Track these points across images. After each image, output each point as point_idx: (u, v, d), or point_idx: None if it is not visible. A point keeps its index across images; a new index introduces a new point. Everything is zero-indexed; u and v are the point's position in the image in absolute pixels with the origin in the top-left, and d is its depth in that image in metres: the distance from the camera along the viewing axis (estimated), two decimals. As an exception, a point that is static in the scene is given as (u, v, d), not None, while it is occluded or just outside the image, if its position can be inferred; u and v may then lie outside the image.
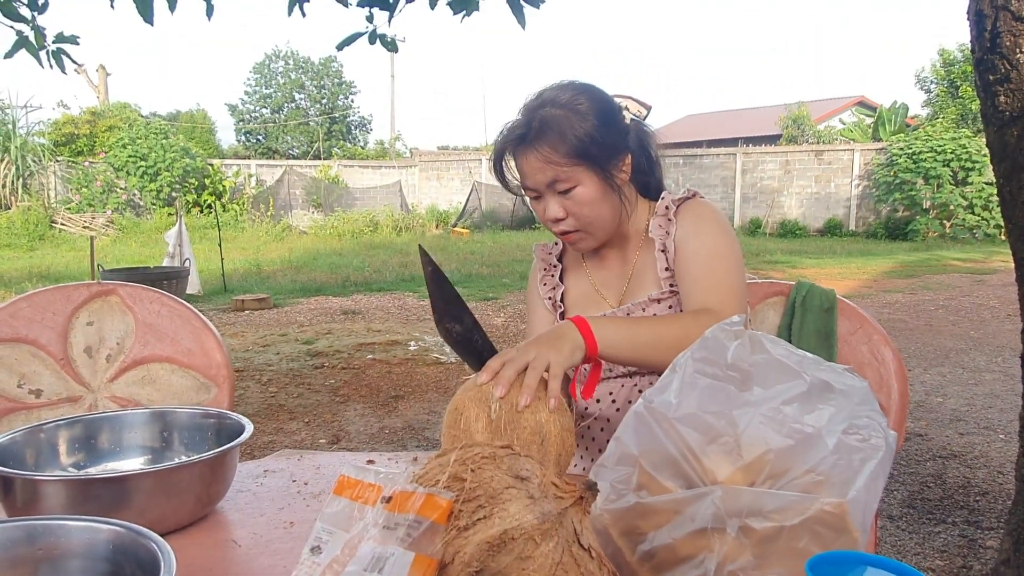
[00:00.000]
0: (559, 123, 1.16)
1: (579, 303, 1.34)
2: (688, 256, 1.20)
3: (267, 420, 4.04)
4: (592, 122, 1.17)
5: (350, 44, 3.30)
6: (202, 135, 27.19)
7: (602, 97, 1.22)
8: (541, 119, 1.17)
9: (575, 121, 1.16)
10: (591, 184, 1.18)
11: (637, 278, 1.29)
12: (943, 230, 14.94)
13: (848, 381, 0.72)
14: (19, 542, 0.65)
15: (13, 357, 1.55)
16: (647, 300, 1.24)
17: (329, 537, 0.57)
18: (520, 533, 0.54)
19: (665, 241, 1.24)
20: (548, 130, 1.16)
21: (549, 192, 1.19)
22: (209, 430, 1.03)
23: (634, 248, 1.30)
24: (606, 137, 1.18)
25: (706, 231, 1.21)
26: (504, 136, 1.22)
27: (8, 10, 3.72)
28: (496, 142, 1.25)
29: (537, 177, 1.18)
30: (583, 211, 1.19)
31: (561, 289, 1.36)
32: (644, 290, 1.27)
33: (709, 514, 0.65)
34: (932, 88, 21.89)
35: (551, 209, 1.20)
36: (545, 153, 1.16)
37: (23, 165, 16.40)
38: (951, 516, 2.82)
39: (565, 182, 1.17)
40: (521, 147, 1.19)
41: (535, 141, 1.17)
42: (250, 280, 9.43)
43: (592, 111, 1.18)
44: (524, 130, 1.19)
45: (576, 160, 1.16)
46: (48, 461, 0.96)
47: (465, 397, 0.92)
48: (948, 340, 5.94)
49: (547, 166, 1.16)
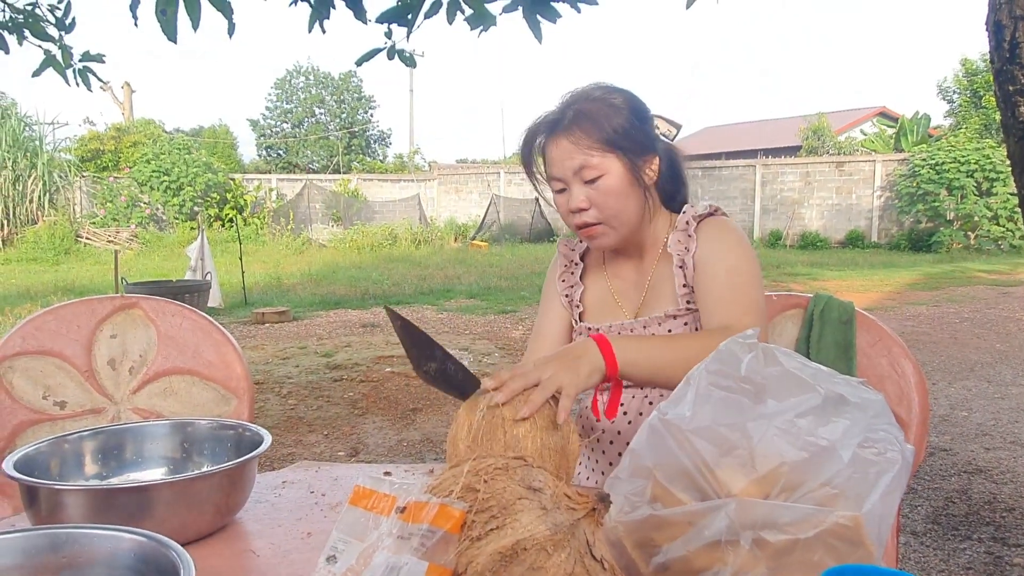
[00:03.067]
0: (594, 113, 1.19)
1: (596, 307, 1.34)
2: (708, 275, 1.20)
3: (286, 432, 4.07)
4: (626, 115, 1.20)
5: (369, 60, 3.34)
6: (224, 150, 27.56)
7: (636, 97, 1.25)
8: (576, 109, 1.20)
9: (609, 112, 1.19)
10: (619, 175, 1.19)
11: (653, 291, 1.29)
12: (967, 241, 14.74)
13: (863, 394, 0.71)
14: (43, 550, 0.66)
15: (39, 369, 1.58)
16: (663, 316, 1.24)
17: (344, 546, 0.58)
18: (532, 544, 0.54)
19: (684, 257, 1.24)
20: (583, 118, 1.19)
21: (575, 180, 1.20)
22: (229, 441, 1.04)
23: (651, 260, 1.30)
24: (638, 132, 1.20)
25: (727, 249, 1.21)
26: (537, 122, 1.24)
27: (36, 30, 3.82)
28: (527, 128, 1.26)
29: (566, 163, 1.19)
30: (608, 202, 1.19)
31: (580, 289, 1.37)
32: (660, 304, 1.27)
33: (723, 526, 0.65)
34: (954, 98, 21.67)
35: (575, 198, 1.20)
36: (577, 138, 1.17)
37: (49, 181, 16.72)
38: (977, 532, 2.77)
39: (594, 169, 1.18)
40: (553, 133, 1.20)
41: (569, 127, 1.19)
42: (270, 293, 9.52)
43: (626, 107, 1.21)
44: (558, 116, 1.21)
45: (607, 148, 1.17)
46: (72, 471, 0.98)
47: (464, 406, 0.93)
48: (973, 353, 5.85)
49: (578, 151, 1.17)
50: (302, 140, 32.51)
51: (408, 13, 3.16)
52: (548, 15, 3.06)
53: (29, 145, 16.84)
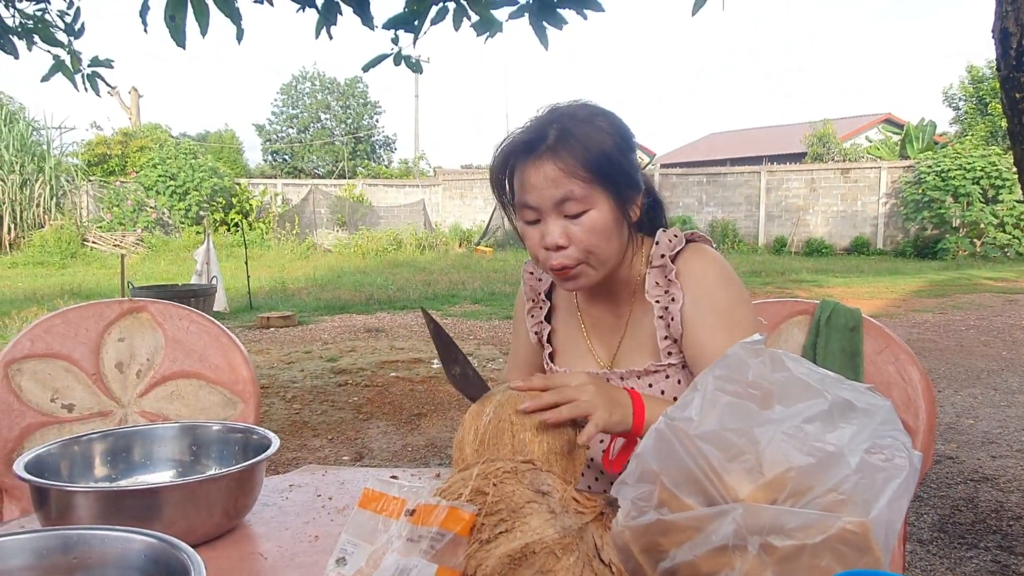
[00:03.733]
0: (581, 133, 1.03)
1: (568, 351, 1.23)
2: (703, 336, 1.08)
3: (291, 437, 4.08)
4: (614, 143, 1.05)
5: (376, 65, 3.36)
6: (230, 155, 27.69)
7: (622, 122, 1.11)
8: (560, 128, 1.04)
9: (597, 139, 1.04)
10: (606, 210, 1.04)
11: (631, 339, 1.17)
12: (973, 249, 14.71)
13: (870, 400, 0.72)
14: (55, 551, 0.67)
15: (47, 372, 1.59)
16: (643, 370, 1.14)
17: (354, 549, 0.58)
18: (541, 547, 0.54)
19: (667, 306, 1.11)
20: (569, 138, 1.03)
21: (554, 214, 1.04)
22: (236, 444, 1.05)
23: (627, 300, 1.17)
24: (626, 164, 1.06)
25: (715, 298, 1.09)
26: (511, 142, 1.07)
27: (46, 35, 3.85)
28: (499, 150, 1.09)
29: (547, 192, 1.02)
30: (591, 240, 1.04)
31: (548, 329, 1.24)
32: (639, 355, 1.16)
33: (730, 531, 0.65)
34: (960, 105, 21.66)
35: (552, 234, 1.04)
36: (564, 163, 1.02)
37: (57, 185, 16.81)
38: (983, 541, 2.76)
39: (579, 202, 1.02)
40: (533, 155, 1.04)
41: (553, 149, 1.02)
42: (275, 298, 9.54)
43: (614, 133, 1.07)
44: (538, 136, 1.04)
45: (596, 178, 1.03)
46: (81, 473, 0.98)
47: (470, 411, 0.94)
48: (979, 361, 5.83)
49: (564, 178, 1.02)
50: (308, 145, 32.63)
51: (415, 19, 3.18)
52: (554, 22, 3.07)
53: (37, 149, 16.94)
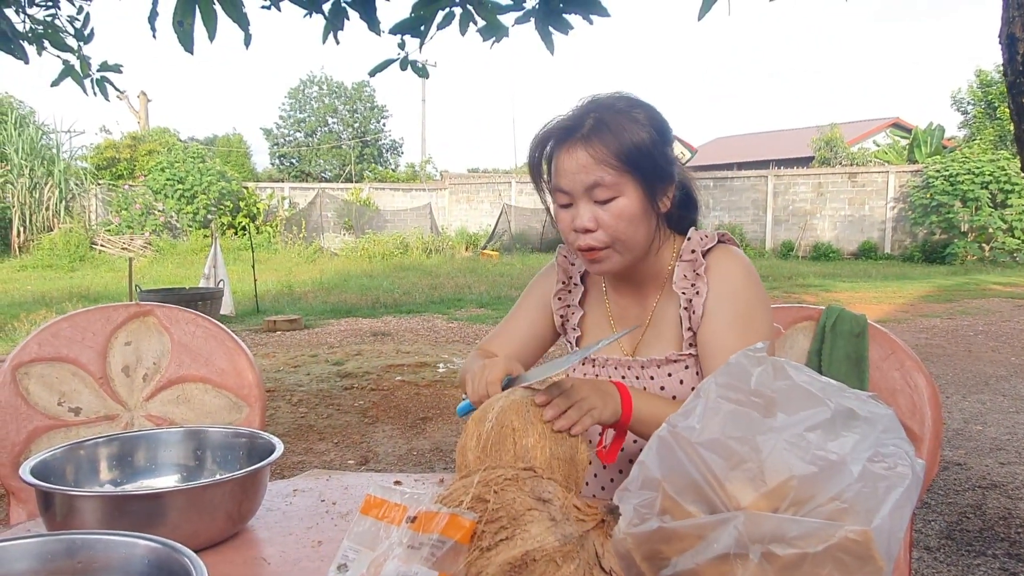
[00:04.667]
0: (615, 125, 1.07)
1: (594, 336, 1.26)
2: (719, 327, 1.12)
3: (297, 440, 4.08)
4: (649, 134, 1.09)
5: (383, 70, 3.37)
6: (238, 159, 27.80)
7: (660, 115, 1.14)
8: (596, 117, 1.08)
9: (632, 128, 1.08)
10: (635, 198, 1.08)
11: (655, 329, 1.21)
12: (982, 253, 14.64)
13: (872, 408, 0.71)
14: (59, 555, 0.67)
15: (54, 376, 1.59)
16: (664, 359, 1.17)
17: (355, 555, 0.58)
18: (542, 555, 0.54)
19: (692, 298, 1.15)
20: (604, 128, 1.07)
21: (585, 198, 1.08)
22: (241, 449, 1.05)
23: (654, 292, 1.22)
24: (659, 156, 1.10)
25: (738, 297, 1.13)
26: (550, 127, 1.12)
27: (56, 41, 3.88)
28: (539, 131, 1.14)
29: (579, 177, 1.07)
30: (618, 226, 1.08)
31: (580, 313, 1.28)
32: (661, 344, 1.19)
33: (732, 540, 0.65)
34: (969, 109, 21.57)
35: (582, 217, 1.08)
36: (597, 150, 1.06)
37: (66, 188, 16.92)
38: (991, 548, 2.74)
39: (608, 188, 1.07)
40: (568, 141, 1.08)
41: (587, 137, 1.07)
42: (282, 301, 9.56)
43: (650, 125, 1.10)
44: (574, 123, 1.09)
45: (627, 167, 1.07)
46: (87, 477, 0.99)
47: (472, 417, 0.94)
48: (988, 366, 5.80)
49: (595, 165, 1.06)
50: (315, 149, 32.73)
51: (421, 24, 3.19)
52: (560, 26, 3.08)
53: (46, 153, 17.06)
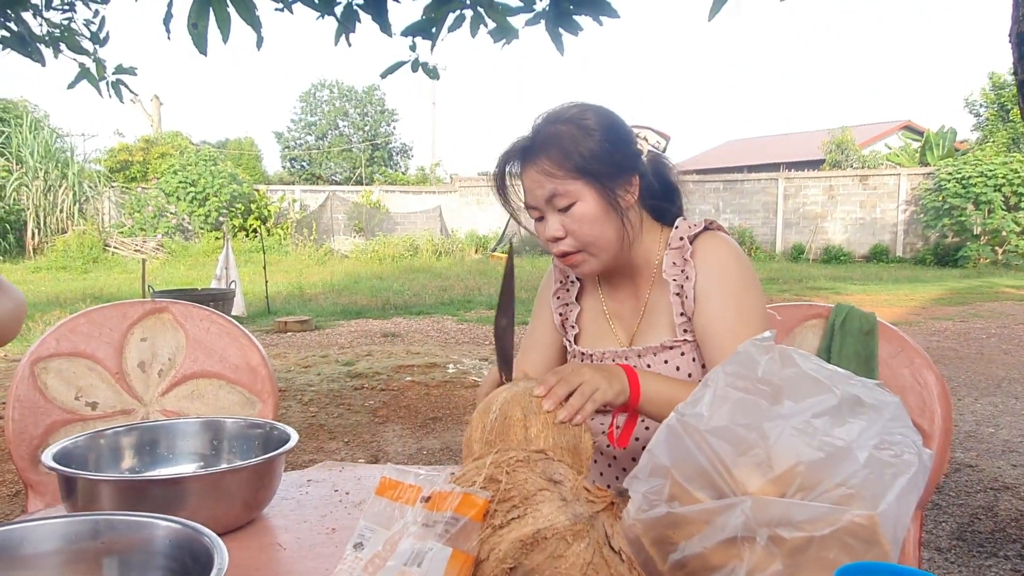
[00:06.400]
0: (561, 137, 1.14)
1: (591, 331, 1.31)
2: (712, 307, 1.16)
3: (308, 439, 4.11)
4: (596, 138, 1.14)
5: (394, 72, 3.40)
6: (249, 162, 27.95)
7: (610, 115, 1.19)
8: (546, 134, 1.16)
9: (578, 136, 1.14)
10: (591, 201, 1.14)
11: (649, 318, 1.24)
12: (995, 256, 14.53)
13: (879, 396, 0.72)
14: (84, 536, 0.69)
15: (72, 371, 1.62)
16: (659, 346, 1.21)
17: (371, 534, 0.60)
18: (553, 533, 0.56)
19: (682, 284, 1.19)
20: (550, 144, 1.14)
21: (549, 209, 1.16)
22: (256, 440, 1.07)
23: (646, 283, 1.25)
24: (611, 155, 1.15)
25: (727, 274, 1.17)
26: (508, 149, 1.20)
27: (72, 44, 3.93)
28: (500, 156, 1.22)
29: (536, 192, 1.15)
30: (583, 229, 1.14)
31: (576, 310, 1.32)
32: (656, 332, 1.23)
33: (739, 524, 0.66)
34: (982, 112, 21.42)
35: (550, 227, 1.16)
36: (545, 166, 1.13)
37: (79, 191, 17.07)
38: (1003, 549, 2.73)
39: (564, 197, 1.13)
40: (523, 162, 1.17)
41: (537, 155, 1.15)
42: (293, 302, 9.61)
43: (598, 128, 1.15)
44: (528, 143, 1.17)
45: (575, 175, 1.13)
46: (107, 465, 1.01)
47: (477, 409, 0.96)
48: (1000, 369, 5.76)
49: (546, 179, 1.13)
50: (325, 152, 32.88)
51: (432, 26, 3.21)
52: (570, 28, 3.10)
53: (60, 156, 17.22)
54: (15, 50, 3.75)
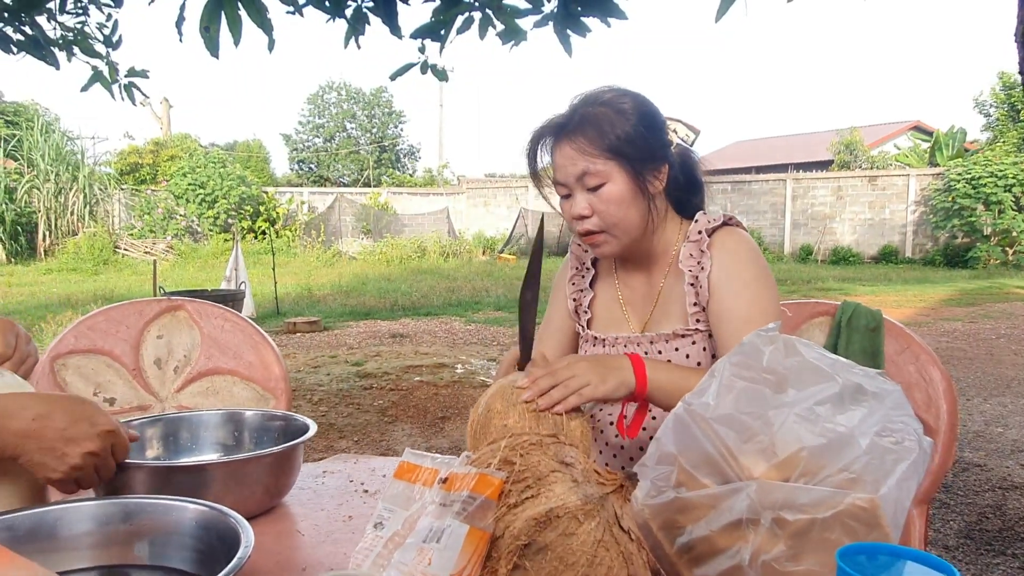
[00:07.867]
0: (599, 118, 1.16)
1: (604, 316, 1.33)
2: (726, 299, 1.17)
3: (318, 438, 4.14)
4: (632, 122, 1.16)
5: (403, 74, 3.43)
6: (257, 164, 28.07)
7: (647, 103, 1.21)
8: (583, 114, 1.17)
9: (616, 119, 1.16)
10: (621, 183, 1.16)
11: (663, 306, 1.26)
12: (1005, 257, 14.46)
13: (880, 384, 0.74)
14: (115, 519, 0.72)
15: (90, 367, 1.66)
16: (671, 334, 1.22)
17: (390, 514, 0.62)
18: (565, 512, 0.58)
19: (697, 275, 1.20)
20: (587, 124, 1.16)
21: (578, 187, 1.17)
22: (276, 431, 1.10)
23: (661, 271, 1.27)
24: (645, 140, 1.17)
25: (742, 268, 1.18)
26: (543, 125, 1.21)
27: (85, 47, 3.98)
28: (533, 131, 1.23)
29: (568, 169, 1.17)
30: (610, 210, 1.16)
31: (590, 295, 1.35)
32: (669, 320, 1.24)
33: (744, 507, 0.68)
34: (991, 112, 21.32)
35: (577, 205, 1.18)
36: (580, 144, 1.15)
37: (90, 193, 17.20)
38: (1011, 548, 2.73)
39: (595, 176, 1.15)
40: (558, 138, 1.18)
41: (573, 132, 1.16)
42: (302, 304, 9.67)
43: (635, 113, 1.18)
44: (564, 121, 1.19)
45: (609, 155, 1.15)
46: (132, 455, 1.03)
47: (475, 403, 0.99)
48: (1009, 370, 5.75)
49: (580, 157, 1.15)
50: (333, 154, 33.00)
51: (441, 28, 3.24)
52: (578, 30, 3.12)
53: (71, 159, 17.36)
54: (30, 53, 3.80)
